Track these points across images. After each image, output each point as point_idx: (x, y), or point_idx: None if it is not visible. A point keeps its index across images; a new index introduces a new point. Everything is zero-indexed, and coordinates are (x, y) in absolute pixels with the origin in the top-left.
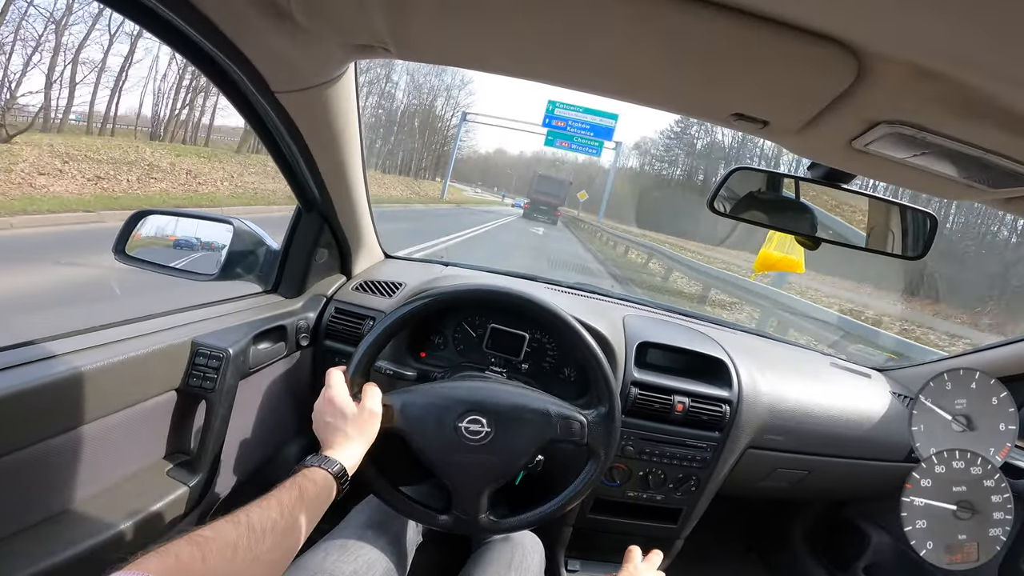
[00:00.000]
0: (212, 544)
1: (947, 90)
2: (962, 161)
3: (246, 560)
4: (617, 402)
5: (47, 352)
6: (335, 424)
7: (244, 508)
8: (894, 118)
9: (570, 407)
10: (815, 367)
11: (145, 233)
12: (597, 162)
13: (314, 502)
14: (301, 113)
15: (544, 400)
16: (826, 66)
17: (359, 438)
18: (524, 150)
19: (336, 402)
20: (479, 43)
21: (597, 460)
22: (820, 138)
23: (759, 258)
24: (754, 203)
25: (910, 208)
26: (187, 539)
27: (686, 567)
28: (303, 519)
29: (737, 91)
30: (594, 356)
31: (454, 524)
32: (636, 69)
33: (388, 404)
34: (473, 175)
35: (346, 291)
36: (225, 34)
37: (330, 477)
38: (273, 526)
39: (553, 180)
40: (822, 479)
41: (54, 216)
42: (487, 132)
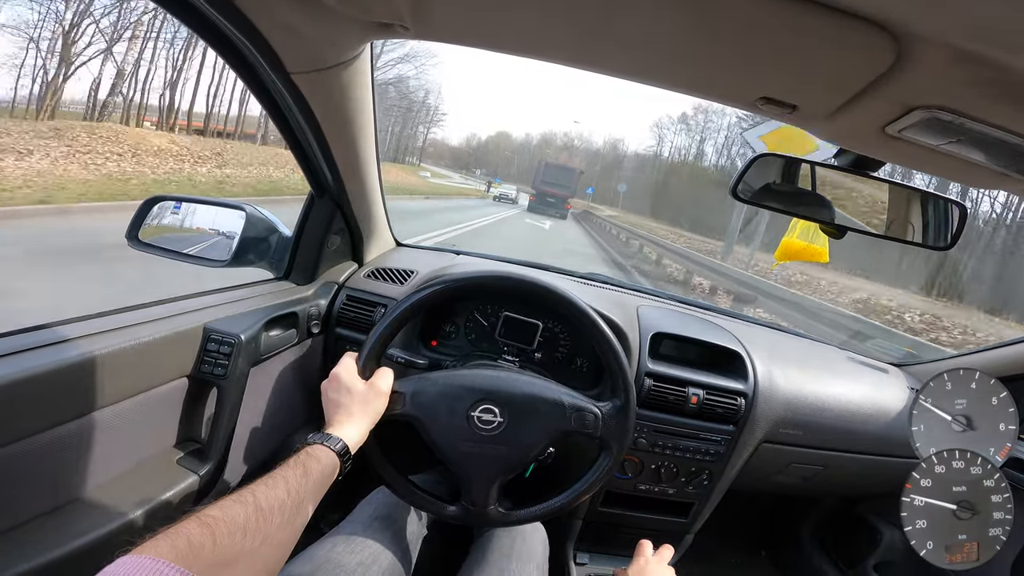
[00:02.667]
0: (221, 525)
1: (989, 75)
2: (999, 149)
3: (255, 540)
4: (633, 395)
5: (58, 336)
6: (338, 400)
7: (250, 487)
8: (932, 103)
9: (585, 399)
10: (832, 361)
11: (158, 220)
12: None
13: (318, 480)
14: (316, 95)
15: (558, 391)
16: (863, 49)
17: (362, 415)
18: (529, 132)
19: (342, 379)
20: (501, 21)
21: (610, 453)
22: (852, 124)
23: (781, 247)
24: (777, 191)
25: (939, 197)
26: (196, 520)
27: (696, 562)
28: (308, 497)
29: (768, 74)
30: (611, 347)
31: (463, 515)
32: (663, 50)
33: (400, 391)
34: (461, 160)
35: (358, 278)
36: (241, 10)
37: (332, 454)
38: (280, 505)
39: (562, 169)
40: (836, 475)
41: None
42: (476, 110)
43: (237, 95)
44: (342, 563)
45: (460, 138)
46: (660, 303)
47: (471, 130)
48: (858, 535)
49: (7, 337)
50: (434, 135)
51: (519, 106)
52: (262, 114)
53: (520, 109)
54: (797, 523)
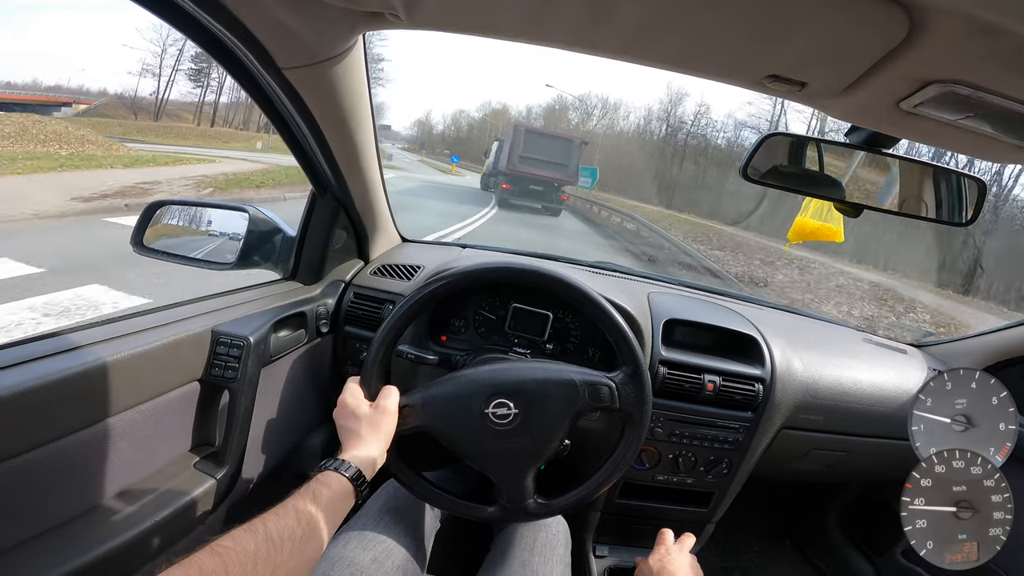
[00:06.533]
0: (233, 555)
1: (1006, 46)
2: (1019, 121)
3: (267, 570)
4: (642, 359)
5: (66, 344)
6: (348, 426)
7: (261, 517)
8: (947, 77)
9: (595, 372)
10: (849, 343)
11: (161, 224)
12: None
13: (330, 506)
14: (310, 90)
15: (567, 370)
16: (874, 22)
17: (372, 438)
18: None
19: (347, 404)
20: (495, 6)
21: (634, 424)
22: (864, 100)
23: (794, 226)
24: (789, 170)
25: (957, 173)
26: (208, 550)
27: (719, 552)
28: (320, 524)
29: (775, 50)
30: (608, 316)
31: (504, 515)
32: (665, 28)
33: (410, 403)
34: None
35: (364, 276)
36: (227, 6)
37: (344, 479)
38: (291, 534)
39: (552, 139)
40: (860, 460)
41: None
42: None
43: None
44: (355, 560)
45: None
46: (671, 289)
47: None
48: (884, 522)
49: (17, 346)
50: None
51: (475, 74)
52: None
53: (477, 77)
54: (822, 511)
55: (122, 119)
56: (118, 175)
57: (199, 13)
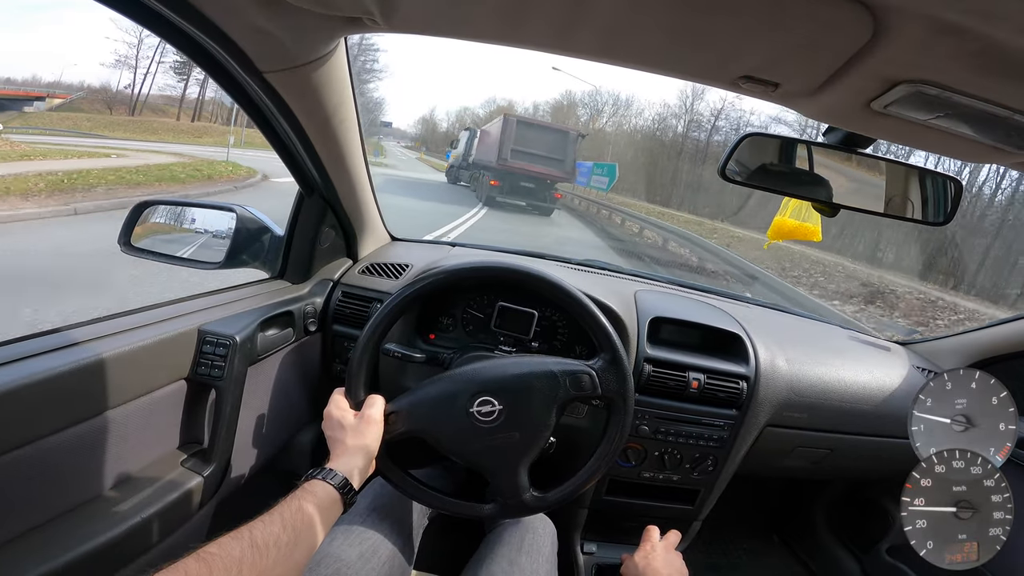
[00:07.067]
0: (218, 561)
1: (971, 46)
2: (988, 122)
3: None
4: (619, 345)
5: (53, 344)
6: (334, 436)
7: (247, 524)
8: (915, 77)
9: (575, 362)
10: (834, 340)
11: (149, 224)
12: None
13: (316, 514)
14: (292, 93)
15: (546, 362)
16: (840, 23)
17: (357, 447)
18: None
19: (332, 415)
20: (471, 8)
21: (618, 410)
22: (836, 100)
23: (773, 226)
24: (768, 170)
25: (933, 173)
26: (194, 556)
27: (707, 548)
28: (306, 532)
29: (747, 51)
30: (584, 307)
31: (501, 512)
32: (640, 30)
33: (396, 410)
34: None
35: (352, 274)
36: (204, 13)
37: (330, 487)
38: (276, 540)
39: (546, 131)
40: (845, 458)
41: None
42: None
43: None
44: (342, 556)
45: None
46: (658, 287)
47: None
48: (871, 518)
49: (2, 346)
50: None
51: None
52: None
53: (481, 75)
54: (808, 507)
55: (96, 113)
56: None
57: (175, 18)
